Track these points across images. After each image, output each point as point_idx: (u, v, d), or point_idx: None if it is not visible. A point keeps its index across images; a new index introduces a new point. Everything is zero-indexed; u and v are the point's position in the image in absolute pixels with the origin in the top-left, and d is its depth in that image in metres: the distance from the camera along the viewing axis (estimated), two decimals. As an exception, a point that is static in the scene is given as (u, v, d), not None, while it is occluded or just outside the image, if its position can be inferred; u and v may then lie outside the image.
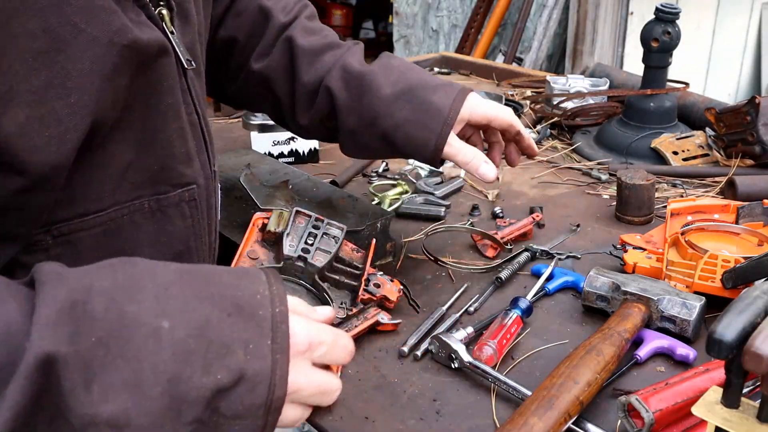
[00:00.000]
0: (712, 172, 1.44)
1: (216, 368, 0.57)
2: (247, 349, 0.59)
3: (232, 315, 0.60)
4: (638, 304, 0.93)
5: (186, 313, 0.58)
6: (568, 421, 0.75)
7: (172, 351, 0.56)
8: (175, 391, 0.56)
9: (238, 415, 0.59)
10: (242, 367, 0.59)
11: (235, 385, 0.58)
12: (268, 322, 0.62)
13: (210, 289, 0.61)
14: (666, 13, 1.48)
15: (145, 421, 0.54)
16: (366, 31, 6.65)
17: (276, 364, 0.60)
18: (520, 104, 1.91)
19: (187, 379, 0.56)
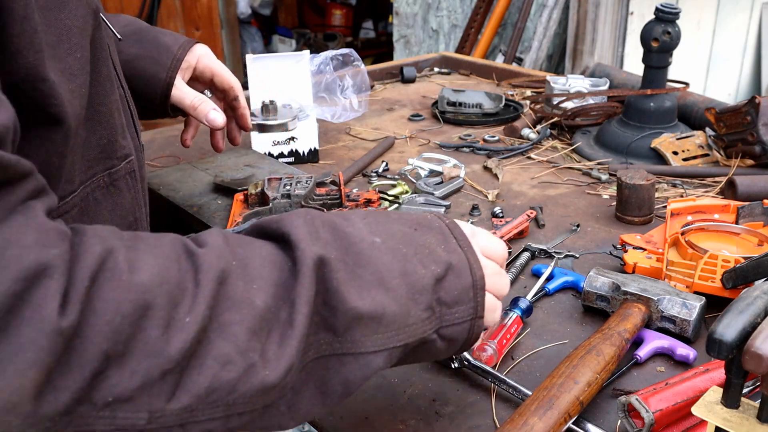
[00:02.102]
0: (712, 172, 1.44)
1: (428, 263, 0.67)
2: (443, 248, 0.69)
3: (418, 229, 0.70)
4: (638, 304, 0.93)
5: (387, 230, 0.68)
6: (568, 421, 0.75)
7: (392, 255, 0.65)
8: (408, 281, 0.64)
9: (456, 301, 0.68)
10: (446, 259, 0.68)
11: (446, 274, 0.67)
12: (445, 228, 0.71)
13: (392, 217, 0.71)
14: (666, 13, 1.48)
15: (395, 309, 0.63)
16: (366, 31, 6.65)
17: (467, 254, 0.70)
18: (520, 104, 1.91)
19: (412, 271, 0.65)
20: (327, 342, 0.61)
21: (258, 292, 0.57)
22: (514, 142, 1.69)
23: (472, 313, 0.69)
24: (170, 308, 0.53)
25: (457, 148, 1.66)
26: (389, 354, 0.64)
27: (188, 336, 0.53)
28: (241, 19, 5.67)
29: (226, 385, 0.55)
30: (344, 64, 1.86)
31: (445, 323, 0.67)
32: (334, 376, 0.62)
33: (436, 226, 0.71)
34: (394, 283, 0.64)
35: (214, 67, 1.07)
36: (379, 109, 1.97)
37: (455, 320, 0.68)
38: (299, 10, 6.74)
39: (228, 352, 0.55)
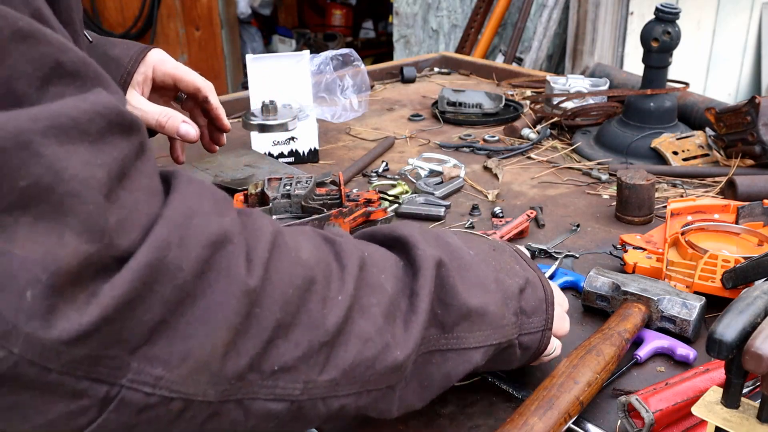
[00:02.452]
0: (712, 172, 1.44)
1: (512, 275, 0.74)
2: (518, 266, 0.76)
3: (496, 249, 0.77)
4: (638, 304, 0.93)
5: (477, 246, 0.75)
6: (568, 421, 0.75)
7: (486, 265, 0.72)
8: (501, 288, 0.71)
9: (533, 311, 0.74)
10: (524, 274, 0.75)
11: (525, 287, 0.74)
12: (515, 252, 0.80)
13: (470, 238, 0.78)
14: (666, 13, 1.48)
15: (494, 309, 0.69)
16: (366, 31, 6.65)
17: (536, 272, 0.78)
18: (520, 104, 1.91)
19: (503, 279, 0.72)
20: (435, 338, 0.66)
21: (387, 281, 0.63)
22: (514, 142, 1.69)
23: (544, 324, 0.76)
24: (326, 286, 0.58)
25: (457, 148, 1.66)
26: (486, 351, 0.69)
27: (341, 312, 0.57)
28: (241, 19, 5.67)
29: (366, 362, 0.59)
30: (344, 64, 1.86)
31: (524, 331, 0.74)
32: (437, 370, 0.67)
33: (508, 249, 0.79)
34: (492, 287, 0.70)
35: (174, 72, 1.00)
36: (379, 109, 1.97)
37: (532, 329, 0.75)
38: (299, 10, 6.73)
39: (369, 331, 0.59)
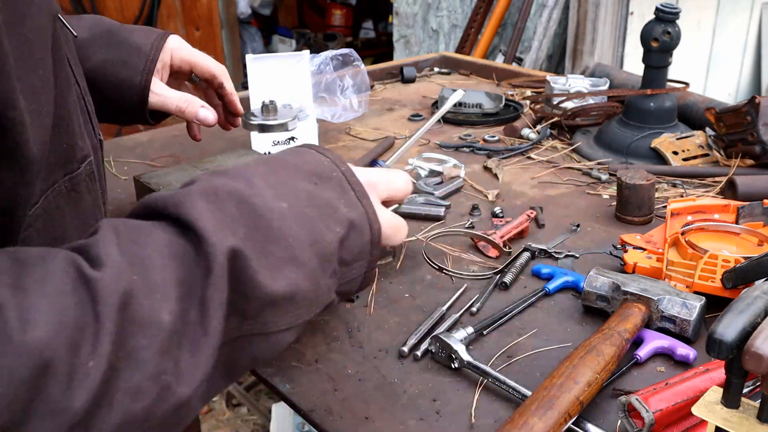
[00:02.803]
0: (712, 172, 1.44)
1: (333, 224, 0.66)
2: (343, 204, 0.68)
3: (318, 183, 0.68)
4: (638, 304, 0.93)
5: (292, 191, 0.65)
6: (568, 421, 0.75)
7: (301, 224, 0.63)
8: (318, 251, 0.63)
9: (355, 258, 0.68)
10: (347, 217, 0.67)
11: (348, 233, 0.67)
12: (343, 179, 0.69)
13: (291, 169, 0.68)
14: (666, 13, 1.48)
15: (307, 286, 0.62)
16: (366, 31, 6.65)
17: (366, 207, 0.69)
18: (520, 104, 1.91)
19: (320, 239, 0.64)
20: (235, 326, 0.58)
21: (163, 304, 0.53)
22: (514, 142, 1.69)
23: (366, 267, 0.70)
24: (71, 357, 0.47)
25: (457, 148, 1.66)
26: (299, 329, 0.63)
27: (94, 382, 0.48)
28: (241, 19, 5.67)
29: (139, 415, 0.51)
30: (344, 64, 1.86)
31: (343, 280, 0.68)
32: (242, 355, 0.60)
33: (335, 176, 0.70)
34: (305, 257, 0.62)
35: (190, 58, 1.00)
36: (379, 109, 1.97)
37: (351, 276, 0.68)
38: (299, 10, 6.74)
39: (138, 381, 0.51)
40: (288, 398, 0.87)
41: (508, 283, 1.07)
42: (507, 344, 0.95)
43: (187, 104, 0.97)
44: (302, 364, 0.92)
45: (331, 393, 0.87)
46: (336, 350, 0.95)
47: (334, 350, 0.95)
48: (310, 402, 0.85)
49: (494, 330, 0.98)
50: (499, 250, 1.17)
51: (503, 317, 0.99)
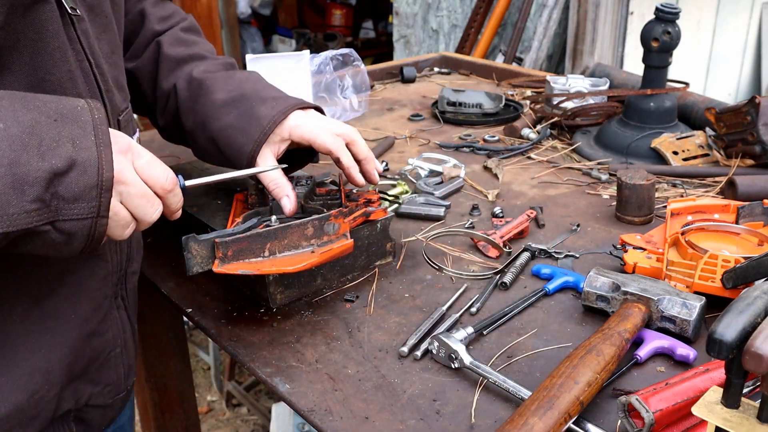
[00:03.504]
0: (712, 172, 1.44)
1: (50, 156, 0.68)
2: (75, 143, 0.70)
3: (58, 120, 0.70)
4: (638, 304, 0.93)
5: (17, 117, 0.68)
6: (568, 421, 0.75)
7: (9, 143, 0.66)
8: (16, 172, 0.66)
9: (75, 197, 0.70)
10: (72, 155, 0.69)
11: (68, 170, 0.69)
12: (90, 124, 0.72)
13: (35, 102, 0.71)
14: (666, 13, 1.48)
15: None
16: (366, 31, 6.65)
17: (101, 153, 0.71)
18: (520, 104, 1.91)
19: (25, 162, 0.66)
20: None
21: None
22: (514, 142, 1.69)
23: (93, 212, 0.71)
24: None
25: (457, 148, 1.66)
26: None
27: None
28: (241, 19, 5.67)
29: None
30: (344, 64, 1.86)
31: (62, 217, 0.70)
32: None
33: (83, 119, 0.72)
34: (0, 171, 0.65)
35: (309, 136, 1.06)
36: (379, 109, 1.97)
37: (73, 215, 0.70)
38: (299, 10, 6.74)
39: None
40: (288, 398, 0.87)
41: (508, 283, 1.07)
42: (507, 344, 0.95)
43: (275, 188, 1.04)
44: (302, 364, 0.92)
45: (331, 393, 0.87)
46: (336, 350, 0.95)
47: (334, 350, 0.95)
48: (310, 402, 0.85)
49: (494, 330, 0.98)
50: (499, 250, 1.17)
51: (503, 317, 0.99)
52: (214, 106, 1.08)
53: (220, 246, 0.91)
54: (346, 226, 1.02)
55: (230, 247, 0.92)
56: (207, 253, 0.91)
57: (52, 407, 0.87)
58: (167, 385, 1.67)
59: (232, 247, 0.92)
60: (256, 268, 0.92)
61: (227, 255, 0.92)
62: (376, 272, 1.13)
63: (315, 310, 1.04)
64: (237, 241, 0.92)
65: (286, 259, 0.95)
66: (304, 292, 1.06)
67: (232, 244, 0.92)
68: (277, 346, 0.96)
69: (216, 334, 1.00)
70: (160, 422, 1.71)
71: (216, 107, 1.08)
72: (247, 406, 2.78)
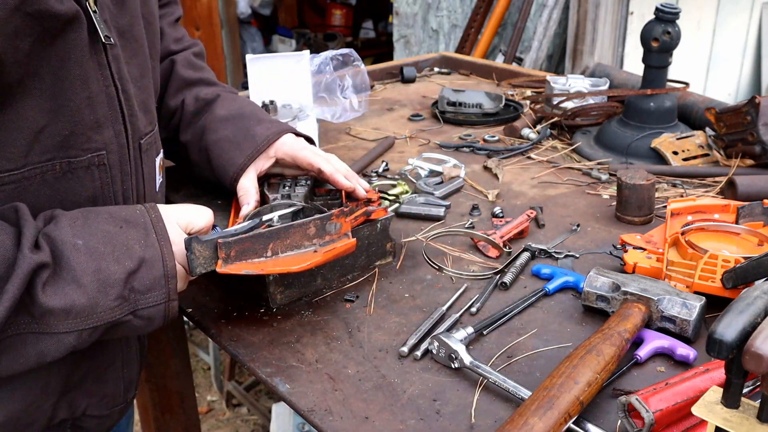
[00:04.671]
0: (712, 172, 1.44)
1: (123, 259, 0.80)
2: (140, 244, 0.83)
3: (123, 227, 0.83)
4: (638, 304, 0.93)
5: (92, 232, 0.80)
6: (568, 421, 0.75)
7: (90, 255, 0.78)
8: (100, 277, 0.78)
9: (148, 288, 0.82)
10: (141, 255, 0.82)
11: (139, 268, 0.81)
12: (149, 224, 0.85)
13: (103, 215, 0.83)
14: (666, 13, 1.48)
15: (84, 301, 0.76)
16: (366, 31, 6.65)
17: (162, 248, 0.84)
18: (520, 104, 1.91)
19: (105, 268, 0.79)
20: (26, 323, 0.74)
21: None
22: (514, 142, 1.69)
23: (164, 298, 0.83)
24: None
25: (457, 148, 1.66)
26: (80, 334, 0.77)
27: None
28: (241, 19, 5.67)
29: None
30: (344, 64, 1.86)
31: (140, 306, 0.82)
32: (31, 348, 0.75)
33: (142, 222, 0.85)
34: (86, 280, 0.77)
35: (293, 153, 1.14)
36: (379, 109, 1.97)
37: (149, 304, 0.82)
38: (299, 10, 6.73)
39: None
40: (288, 398, 0.87)
41: (508, 283, 1.07)
42: (507, 344, 0.95)
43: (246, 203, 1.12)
44: (302, 364, 0.92)
45: (331, 393, 0.87)
46: (336, 350, 0.95)
47: (334, 350, 0.95)
48: (310, 402, 0.85)
49: (494, 330, 0.98)
50: (499, 250, 1.17)
51: (503, 317, 0.99)
52: (215, 120, 1.16)
53: (223, 246, 0.91)
54: (348, 226, 1.02)
55: (233, 248, 0.92)
56: (210, 254, 0.91)
57: (47, 416, 0.89)
58: (167, 385, 1.67)
59: (235, 248, 0.92)
60: (259, 268, 0.92)
61: (230, 255, 0.92)
62: (376, 272, 1.13)
63: (315, 310, 1.04)
64: (240, 242, 0.92)
65: (289, 258, 0.95)
66: (304, 292, 1.06)
67: (235, 244, 0.92)
68: (277, 346, 0.96)
69: (216, 334, 1.00)
70: (160, 422, 1.71)
71: (216, 121, 1.16)
72: (247, 406, 2.78)
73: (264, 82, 1.55)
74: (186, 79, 1.20)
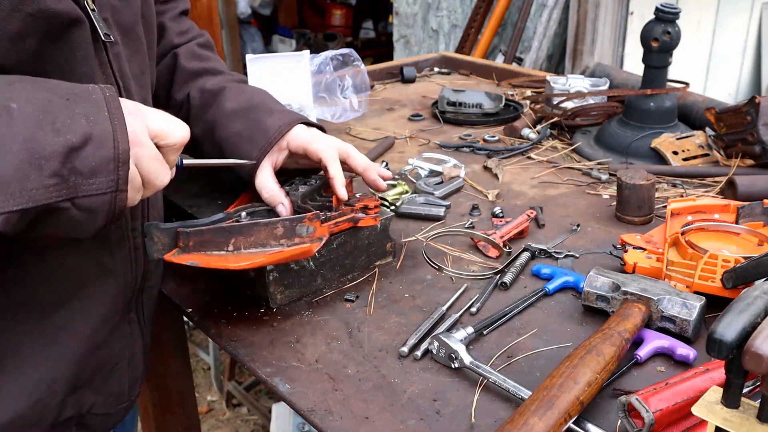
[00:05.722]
0: (712, 172, 1.44)
1: (64, 132, 0.68)
2: (89, 119, 0.70)
3: (70, 99, 0.71)
4: (638, 304, 0.93)
5: (29, 98, 0.68)
6: (568, 421, 0.75)
7: (23, 121, 0.66)
8: (32, 147, 0.66)
9: (93, 171, 0.69)
10: (87, 130, 0.69)
11: (84, 144, 0.69)
12: (102, 101, 0.72)
13: (47, 84, 0.71)
14: (666, 13, 1.48)
15: (10, 172, 0.65)
16: (366, 31, 6.65)
17: (115, 127, 0.71)
18: (520, 104, 1.91)
19: (40, 138, 0.67)
20: None
21: None
22: (514, 142, 1.69)
23: (113, 186, 0.71)
24: None
25: (457, 148, 1.66)
26: (6, 218, 0.65)
27: None
28: (241, 19, 5.67)
29: None
30: (344, 64, 1.86)
31: (81, 193, 0.69)
32: None
33: (94, 97, 0.72)
34: (13, 148, 0.65)
35: (304, 145, 1.10)
36: (379, 109, 1.97)
37: (92, 191, 0.70)
38: (299, 10, 6.73)
39: None
40: (288, 398, 0.87)
41: (508, 283, 1.07)
42: (507, 344, 0.95)
43: (270, 197, 1.08)
44: (302, 364, 0.92)
45: (331, 393, 0.87)
46: (336, 350, 0.95)
47: (334, 350, 0.95)
48: (310, 402, 0.85)
49: (494, 330, 0.98)
50: (499, 250, 1.17)
51: (503, 317, 0.99)
52: (224, 115, 1.11)
53: (182, 236, 0.90)
54: (324, 230, 1.00)
55: (191, 238, 0.91)
56: (169, 241, 0.90)
57: (53, 414, 0.88)
58: (167, 385, 1.67)
59: (194, 238, 0.91)
60: (206, 261, 0.91)
61: (188, 245, 0.91)
62: (376, 272, 1.13)
63: (315, 310, 1.04)
64: (199, 233, 0.91)
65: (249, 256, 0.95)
66: (304, 292, 1.06)
67: (194, 235, 0.91)
68: (277, 346, 0.96)
69: (216, 334, 1.00)
70: (160, 422, 1.71)
71: (225, 116, 1.11)
72: (247, 406, 2.78)
73: (264, 82, 1.55)
74: (190, 70, 1.18)
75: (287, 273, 1.03)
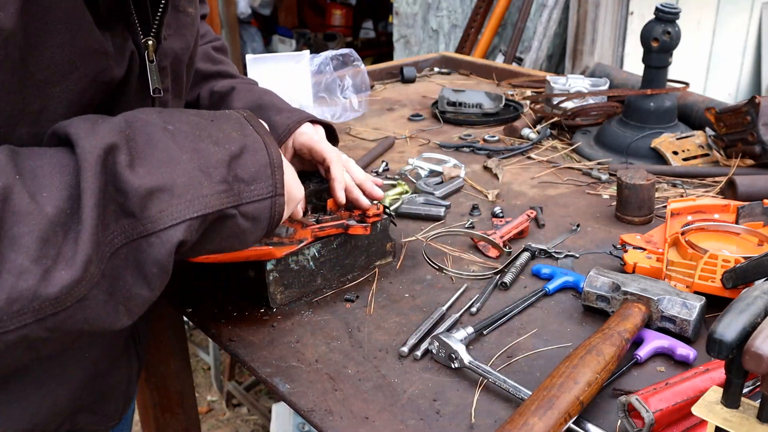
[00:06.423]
0: (712, 172, 1.44)
1: (222, 143, 0.72)
2: (238, 133, 0.75)
3: (215, 120, 0.75)
4: (638, 304, 0.93)
5: (181, 120, 0.72)
6: (568, 421, 0.75)
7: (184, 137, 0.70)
8: (199, 158, 0.69)
9: (253, 177, 0.73)
10: (241, 141, 0.74)
11: (241, 153, 0.73)
12: (242, 119, 0.78)
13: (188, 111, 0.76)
14: (666, 13, 1.48)
15: (185, 180, 0.67)
16: (366, 31, 6.65)
17: (264, 137, 0.76)
18: (520, 104, 1.91)
19: (204, 149, 0.70)
20: (131, 226, 0.65)
21: (48, 200, 0.61)
22: (514, 142, 1.69)
23: (271, 190, 0.75)
24: None
25: (457, 148, 1.66)
26: (189, 226, 0.67)
27: None
28: (241, 19, 5.67)
29: (26, 293, 0.58)
30: (344, 64, 1.86)
31: (245, 200, 0.73)
32: (147, 258, 0.66)
33: (235, 117, 0.78)
34: (184, 158, 0.68)
35: (309, 144, 1.11)
36: (379, 109, 1.97)
37: (254, 197, 0.73)
38: (299, 10, 6.73)
39: (21, 263, 0.58)
40: (288, 398, 0.87)
41: (508, 283, 1.07)
42: (507, 344, 0.95)
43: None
44: (302, 364, 0.92)
45: (331, 393, 0.87)
46: (336, 350, 0.95)
47: (334, 350, 0.95)
48: (310, 402, 0.85)
49: (494, 330, 0.98)
50: (499, 250, 1.17)
51: (503, 317, 0.99)
52: None
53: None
54: (307, 233, 1.00)
55: None
56: None
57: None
58: (167, 385, 1.67)
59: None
60: None
61: None
62: (376, 272, 1.13)
63: (315, 310, 1.04)
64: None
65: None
66: (304, 292, 1.06)
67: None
68: (277, 346, 0.96)
69: (216, 334, 1.00)
70: (160, 422, 1.71)
71: None
72: (247, 406, 2.78)
73: (264, 82, 1.55)
74: (202, 72, 1.19)
75: (287, 273, 1.03)
